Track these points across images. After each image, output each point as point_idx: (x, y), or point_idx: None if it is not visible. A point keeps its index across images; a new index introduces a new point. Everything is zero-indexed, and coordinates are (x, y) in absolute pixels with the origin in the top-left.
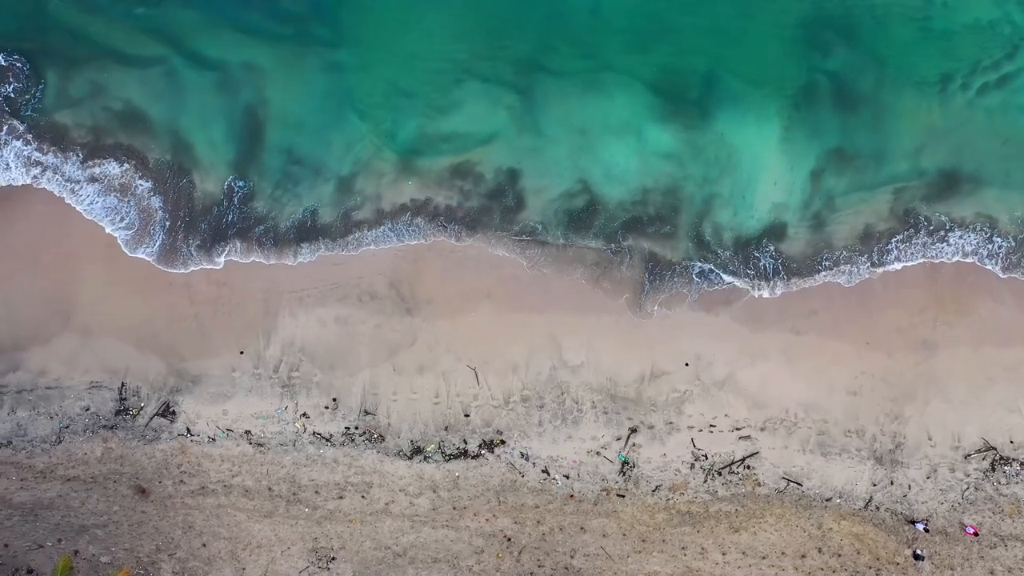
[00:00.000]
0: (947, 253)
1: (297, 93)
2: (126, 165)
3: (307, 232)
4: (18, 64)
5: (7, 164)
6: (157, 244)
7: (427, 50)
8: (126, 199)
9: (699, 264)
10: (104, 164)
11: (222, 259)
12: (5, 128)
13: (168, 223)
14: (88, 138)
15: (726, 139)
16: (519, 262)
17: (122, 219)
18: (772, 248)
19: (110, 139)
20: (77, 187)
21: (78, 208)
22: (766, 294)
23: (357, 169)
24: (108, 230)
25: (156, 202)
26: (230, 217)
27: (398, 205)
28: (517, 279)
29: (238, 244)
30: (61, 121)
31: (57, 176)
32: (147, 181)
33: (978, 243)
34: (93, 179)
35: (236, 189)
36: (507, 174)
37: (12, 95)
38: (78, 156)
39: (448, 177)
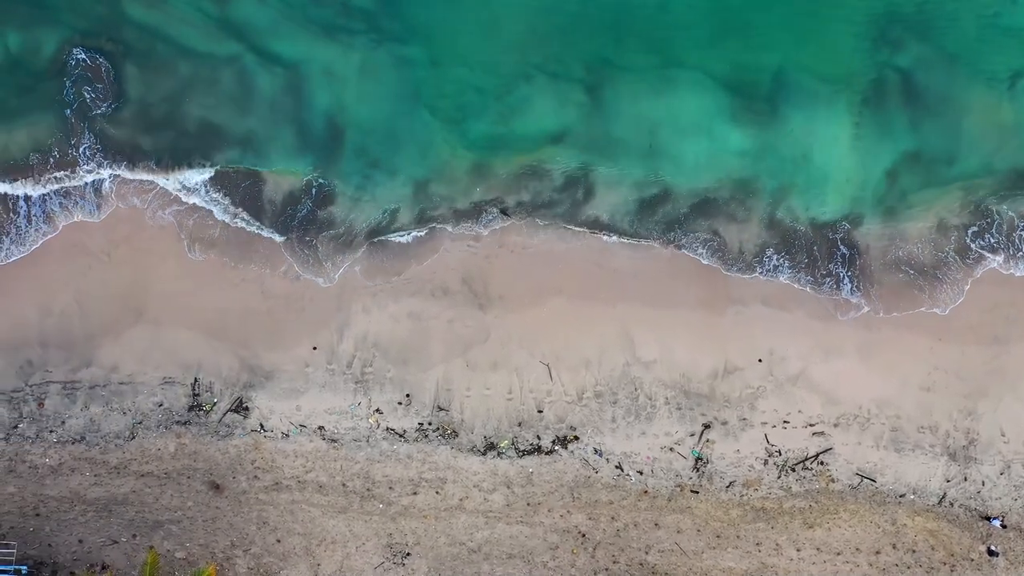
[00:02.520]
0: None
1: (369, 90)
2: (201, 167)
3: (383, 253)
4: (94, 60)
5: (83, 155)
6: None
7: (497, 46)
8: (199, 202)
9: (773, 262)
10: (179, 166)
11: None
12: (83, 128)
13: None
14: (161, 137)
15: (797, 136)
16: (590, 258)
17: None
18: (849, 260)
19: (183, 138)
20: (149, 189)
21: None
22: (852, 314)
23: (429, 167)
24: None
25: (231, 206)
26: (312, 222)
27: (470, 203)
28: (589, 274)
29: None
30: (134, 116)
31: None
32: (223, 184)
33: None
34: (162, 180)
35: (315, 190)
36: (578, 170)
37: (89, 92)
38: (150, 156)
39: (518, 174)
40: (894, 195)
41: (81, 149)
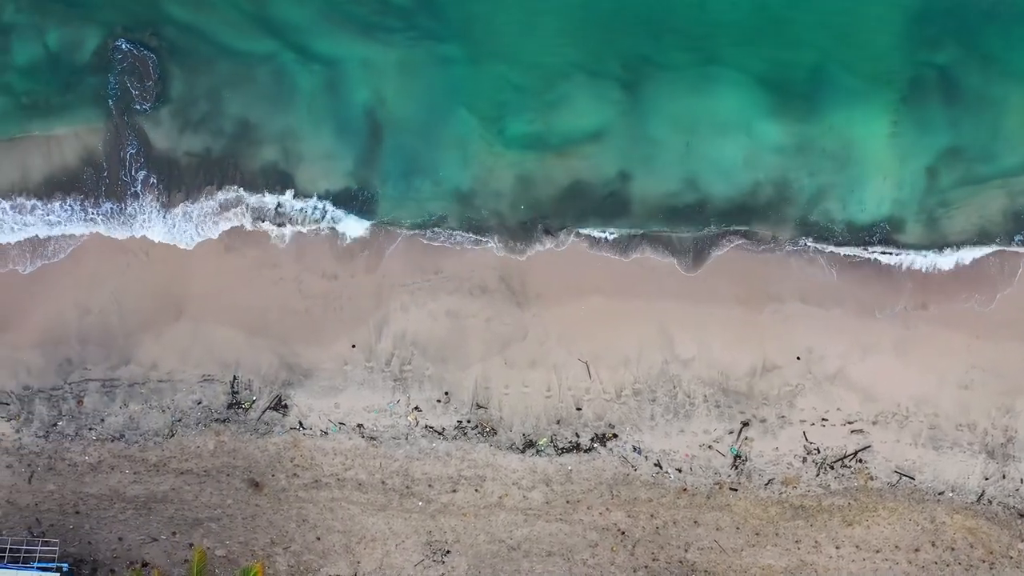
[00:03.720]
0: None
1: (406, 88)
2: (237, 171)
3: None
4: (137, 54)
5: (130, 170)
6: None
7: (535, 44)
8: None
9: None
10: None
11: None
12: (127, 131)
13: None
14: (198, 137)
15: (835, 133)
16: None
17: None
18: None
19: (222, 139)
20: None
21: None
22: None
23: (468, 167)
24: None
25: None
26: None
27: (516, 221)
28: (626, 272)
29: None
30: (171, 116)
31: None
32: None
33: None
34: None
35: (354, 186)
36: (616, 168)
37: (131, 88)
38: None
39: (556, 171)
40: (932, 192)
41: (127, 161)
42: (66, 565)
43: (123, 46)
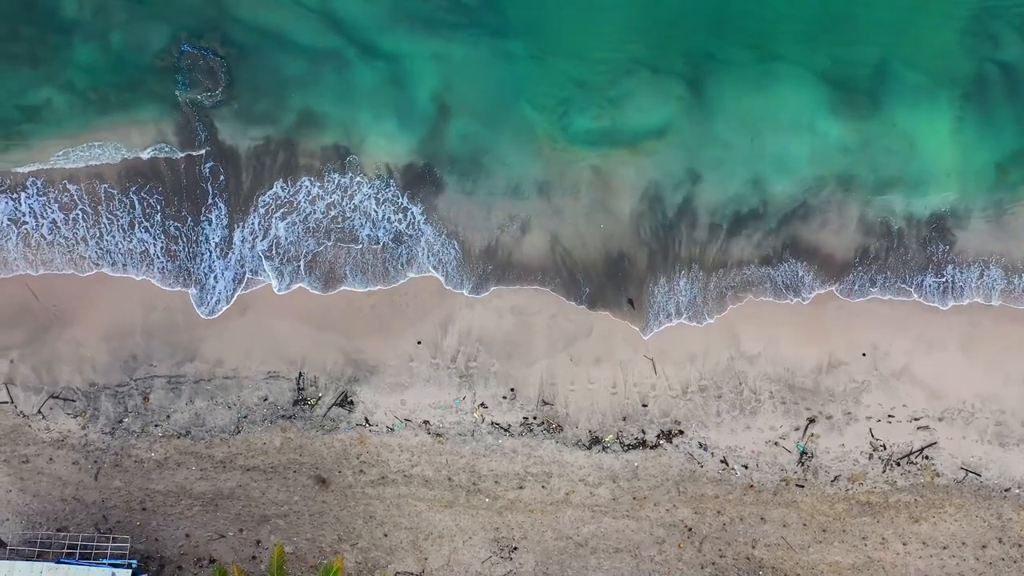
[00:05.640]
0: None
1: (470, 84)
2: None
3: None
4: (201, 55)
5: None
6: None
7: (598, 40)
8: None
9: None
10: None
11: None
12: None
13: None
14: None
15: (898, 129)
16: None
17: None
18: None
19: (286, 133)
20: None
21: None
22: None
23: (531, 161)
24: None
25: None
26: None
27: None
28: None
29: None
30: (237, 115)
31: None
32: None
33: None
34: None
35: (427, 178)
36: (682, 167)
37: (197, 89)
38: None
39: (623, 170)
40: (998, 188)
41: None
42: (135, 561)
43: (188, 47)
